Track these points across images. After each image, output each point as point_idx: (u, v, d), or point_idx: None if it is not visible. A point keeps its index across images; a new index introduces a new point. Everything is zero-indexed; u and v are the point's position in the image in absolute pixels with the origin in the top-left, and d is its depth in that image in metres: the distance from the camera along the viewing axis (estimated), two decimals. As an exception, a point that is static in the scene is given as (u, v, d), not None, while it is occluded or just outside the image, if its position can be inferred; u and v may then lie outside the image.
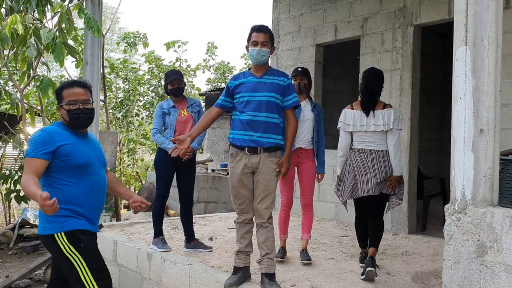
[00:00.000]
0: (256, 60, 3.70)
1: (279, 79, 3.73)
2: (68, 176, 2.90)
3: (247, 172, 3.68)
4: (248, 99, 3.66)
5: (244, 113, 3.66)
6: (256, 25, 3.77)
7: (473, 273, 2.46)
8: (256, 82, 3.70)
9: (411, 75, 6.03)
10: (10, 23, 4.64)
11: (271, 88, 3.67)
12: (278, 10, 8.00)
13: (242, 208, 3.75)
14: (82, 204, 2.93)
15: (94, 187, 3.00)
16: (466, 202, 2.51)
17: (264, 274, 3.66)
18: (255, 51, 3.67)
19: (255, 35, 3.69)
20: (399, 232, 6.04)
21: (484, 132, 2.47)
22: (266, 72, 3.74)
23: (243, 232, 3.78)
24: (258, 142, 3.63)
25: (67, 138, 2.95)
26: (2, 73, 8.04)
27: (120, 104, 13.59)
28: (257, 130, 3.63)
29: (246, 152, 3.66)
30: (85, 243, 2.91)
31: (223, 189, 10.29)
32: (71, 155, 2.89)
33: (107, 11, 22.50)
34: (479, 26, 2.50)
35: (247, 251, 3.79)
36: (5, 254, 6.91)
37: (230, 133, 3.78)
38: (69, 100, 2.99)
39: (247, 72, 3.82)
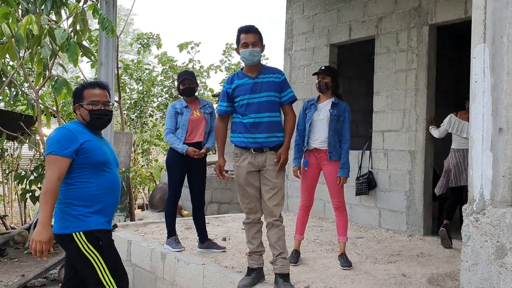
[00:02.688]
0: (249, 61, 3.67)
1: (273, 76, 3.70)
2: (87, 173, 2.90)
3: (253, 170, 3.68)
4: (248, 102, 3.65)
5: (246, 116, 3.65)
6: (243, 26, 3.73)
7: (492, 275, 2.40)
8: (253, 83, 3.67)
9: (427, 75, 5.96)
10: (25, 23, 4.68)
11: (268, 87, 3.66)
12: (291, 10, 7.97)
13: (250, 207, 3.73)
14: (100, 202, 2.94)
15: (112, 185, 3.01)
16: (485, 202, 2.46)
17: (278, 274, 3.63)
18: (247, 52, 3.63)
19: (244, 37, 3.65)
20: (415, 233, 5.97)
21: (503, 131, 2.42)
22: (260, 72, 3.71)
23: (254, 232, 3.76)
24: (263, 143, 3.64)
25: (88, 136, 2.97)
26: (19, 74, 8.13)
27: (134, 105, 13.67)
28: (261, 132, 3.62)
29: (252, 151, 3.66)
30: (103, 242, 2.92)
31: (236, 189, 10.27)
32: (92, 152, 2.90)
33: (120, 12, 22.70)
34: (498, 23, 2.45)
35: (260, 251, 3.77)
36: (21, 254, 6.98)
37: (233, 136, 3.76)
38: (91, 100, 3.01)
39: (241, 73, 3.78)
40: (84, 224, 2.87)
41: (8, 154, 10.55)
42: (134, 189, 12.09)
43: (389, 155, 6.37)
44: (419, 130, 6.01)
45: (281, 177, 3.67)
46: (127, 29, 23.87)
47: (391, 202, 6.27)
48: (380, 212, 6.40)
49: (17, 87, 7.03)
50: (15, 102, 8.01)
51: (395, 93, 6.29)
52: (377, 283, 3.95)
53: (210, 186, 9.83)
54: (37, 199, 7.03)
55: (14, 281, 5.55)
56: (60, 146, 2.81)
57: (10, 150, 10.62)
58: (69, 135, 2.87)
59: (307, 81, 7.57)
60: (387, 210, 6.33)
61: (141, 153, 13.82)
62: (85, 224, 2.87)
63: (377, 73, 6.57)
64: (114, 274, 2.90)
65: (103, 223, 2.95)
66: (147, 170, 13.47)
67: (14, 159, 10.43)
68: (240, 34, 3.69)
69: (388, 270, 4.37)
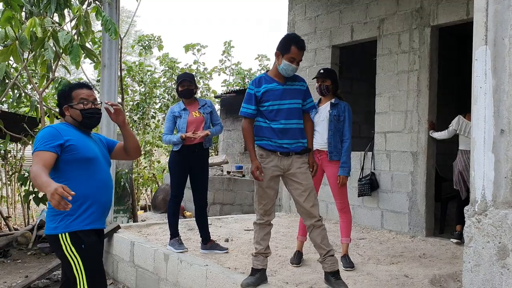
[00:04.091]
0: (286, 74, 3.67)
1: (299, 84, 3.76)
2: (76, 170, 2.86)
3: (277, 174, 3.70)
4: (278, 108, 3.64)
5: (276, 121, 3.63)
6: (298, 40, 3.64)
7: (494, 276, 2.41)
8: (283, 90, 3.67)
9: (429, 76, 5.98)
10: (29, 26, 4.70)
11: (297, 94, 3.71)
12: (293, 11, 7.99)
13: (266, 209, 3.74)
14: (91, 199, 2.90)
15: (102, 183, 2.98)
16: (487, 203, 2.47)
17: (329, 272, 3.66)
18: (290, 67, 3.60)
19: (296, 52, 3.57)
20: (417, 234, 5.98)
21: (505, 133, 2.43)
22: (287, 78, 3.72)
23: (264, 234, 3.77)
24: (289, 148, 3.66)
25: (74, 134, 2.94)
26: (22, 76, 8.16)
27: (136, 107, 13.70)
28: (289, 137, 3.65)
29: (279, 154, 3.67)
30: (86, 244, 2.86)
31: (238, 191, 10.31)
32: (79, 149, 2.88)
33: (123, 14, 22.72)
34: (500, 25, 2.46)
35: (266, 252, 3.79)
36: (24, 255, 7.00)
37: (259, 140, 3.70)
38: (81, 99, 2.99)
39: (268, 77, 3.73)
40: (70, 225, 2.83)
41: (12, 156, 10.58)
42: (136, 190, 12.11)
43: (391, 156, 6.38)
44: (421, 131, 6.02)
45: (309, 178, 3.70)
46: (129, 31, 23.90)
47: (394, 203, 6.28)
48: (383, 213, 6.41)
49: (20, 89, 7.05)
50: (19, 104, 8.04)
51: (397, 94, 6.31)
52: (380, 284, 3.96)
53: (213, 187, 9.85)
54: (40, 201, 7.05)
55: (18, 282, 5.57)
56: (43, 143, 2.79)
57: (13, 151, 10.65)
58: (53, 132, 2.86)
59: (309, 82, 7.54)
60: (389, 211, 6.33)
61: (144, 154, 13.84)
62: (70, 225, 2.83)
63: (379, 74, 6.58)
64: (90, 281, 2.83)
65: (90, 223, 2.89)
66: (149, 172, 13.50)
67: (17, 161, 10.46)
68: (292, 45, 3.58)
69: (390, 271, 4.38)
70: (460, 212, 5.64)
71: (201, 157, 4.94)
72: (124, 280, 5.49)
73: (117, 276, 5.62)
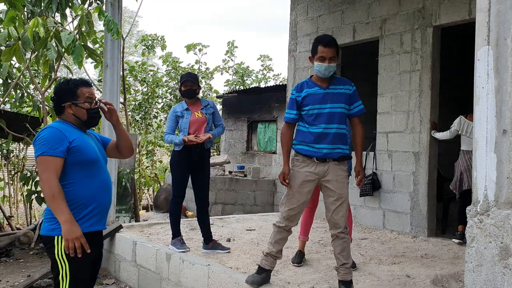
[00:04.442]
0: (323, 75, 3.59)
1: (344, 88, 3.64)
2: (80, 173, 2.80)
3: (311, 179, 3.60)
4: (318, 112, 3.57)
5: (315, 126, 3.57)
6: (323, 38, 3.62)
7: (496, 276, 2.41)
8: (324, 94, 3.59)
9: (431, 77, 5.98)
10: (32, 26, 4.71)
11: (340, 98, 3.59)
12: (296, 12, 7.99)
13: (292, 214, 3.64)
14: (94, 201, 2.83)
15: (103, 184, 2.91)
16: (489, 204, 2.47)
17: (341, 281, 3.63)
18: (323, 67, 3.54)
19: (323, 50, 3.53)
20: (419, 234, 5.98)
21: (507, 133, 2.42)
22: (331, 82, 3.63)
23: (279, 238, 3.72)
24: (328, 154, 3.56)
25: (76, 134, 2.85)
26: (24, 76, 8.18)
27: (139, 107, 13.71)
28: (328, 142, 3.54)
29: (315, 160, 3.59)
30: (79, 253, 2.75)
31: (240, 190, 10.31)
32: (83, 150, 2.80)
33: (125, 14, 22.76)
34: (502, 25, 2.46)
35: (277, 256, 3.75)
36: (26, 254, 7.01)
37: (297, 144, 3.66)
38: (87, 98, 2.91)
39: (310, 82, 3.68)
40: None
41: (14, 155, 10.60)
42: (138, 190, 12.12)
43: (393, 157, 6.38)
44: (423, 131, 6.02)
45: (345, 188, 3.60)
46: (132, 30, 23.92)
47: (395, 203, 6.28)
48: (384, 213, 6.41)
49: (22, 89, 7.07)
50: (21, 104, 8.06)
51: (399, 94, 6.30)
52: (381, 284, 3.96)
53: (214, 187, 9.86)
54: (42, 200, 7.07)
55: (20, 281, 5.58)
56: (51, 146, 2.69)
57: (16, 151, 10.67)
58: (58, 134, 2.76)
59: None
60: (391, 211, 6.33)
61: (146, 154, 13.86)
62: None
63: (381, 75, 6.58)
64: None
65: (89, 226, 2.81)
66: (151, 171, 13.51)
67: (19, 160, 10.48)
68: (318, 45, 3.56)
69: (392, 271, 4.38)
70: (462, 212, 5.64)
71: (202, 157, 4.95)
72: (126, 279, 5.49)
73: (119, 276, 5.63)
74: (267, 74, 17.00)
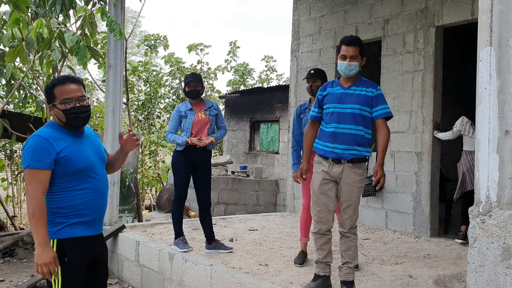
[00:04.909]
0: (345, 74, 3.65)
1: (367, 90, 3.65)
2: (71, 182, 2.68)
3: (329, 180, 3.64)
4: (333, 111, 3.63)
5: (329, 124, 3.64)
6: (346, 37, 3.71)
7: (498, 277, 2.42)
8: (343, 93, 3.65)
9: (433, 77, 5.97)
10: (36, 27, 4.73)
11: (358, 100, 3.61)
12: (298, 12, 8.00)
13: (320, 216, 3.68)
14: (85, 210, 2.73)
15: (96, 190, 2.78)
16: (491, 204, 2.47)
17: (342, 281, 3.66)
18: (343, 65, 3.61)
19: (344, 49, 3.61)
20: (421, 235, 5.98)
21: (510, 134, 2.43)
22: (354, 83, 3.67)
23: (320, 243, 3.73)
24: (340, 154, 3.58)
25: (65, 141, 2.68)
26: (28, 76, 8.21)
27: (142, 107, 13.73)
28: (341, 143, 3.58)
29: (330, 161, 3.63)
30: (69, 259, 2.68)
31: (243, 191, 10.32)
32: (71, 160, 2.65)
33: (128, 14, 22.80)
34: (505, 26, 2.46)
35: (326, 261, 3.74)
36: (30, 254, 7.03)
37: (316, 143, 3.75)
38: (63, 99, 2.67)
39: (336, 81, 3.76)
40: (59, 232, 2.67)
41: (18, 156, 10.63)
42: (141, 190, 12.14)
43: (396, 157, 6.38)
44: (426, 131, 6.02)
45: (356, 192, 3.61)
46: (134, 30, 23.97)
47: (398, 204, 6.28)
48: (387, 214, 6.41)
49: (26, 90, 7.09)
50: (24, 104, 8.09)
51: (402, 94, 6.30)
52: (384, 284, 3.96)
53: (217, 187, 9.87)
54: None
55: (24, 281, 5.61)
56: (36, 158, 2.56)
57: (19, 151, 10.70)
58: (44, 144, 2.60)
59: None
60: (393, 212, 6.34)
61: (149, 154, 13.87)
62: (60, 232, 2.67)
63: (383, 75, 6.58)
64: None
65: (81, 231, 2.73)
66: (154, 172, 13.53)
67: (23, 160, 10.51)
68: (341, 45, 3.66)
69: (394, 271, 4.38)
70: (464, 213, 5.64)
71: (204, 157, 4.96)
72: (129, 279, 5.51)
73: (122, 276, 5.65)
74: (270, 74, 17.01)
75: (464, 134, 5.82)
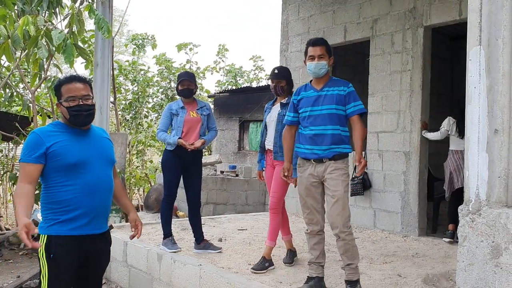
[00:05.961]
0: (315, 74, 3.69)
1: (339, 89, 3.67)
2: (62, 177, 2.73)
3: (314, 181, 3.67)
4: (310, 114, 3.67)
5: (307, 128, 3.68)
6: (311, 39, 3.79)
7: (487, 275, 2.43)
8: (316, 96, 3.69)
9: (421, 77, 6.01)
10: (22, 24, 4.66)
11: (331, 100, 3.64)
12: (287, 12, 8.00)
13: (310, 218, 3.72)
14: (78, 206, 2.74)
15: (91, 187, 2.78)
16: (481, 203, 2.49)
17: (346, 281, 3.64)
18: (312, 65, 3.66)
19: (311, 49, 3.68)
20: (410, 234, 6.01)
21: (499, 133, 2.45)
22: (326, 84, 3.71)
23: (313, 243, 3.75)
24: (321, 155, 3.62)
25: (59, 137, 2.76)
26: (14, 75, 8.11)
27: (129, 106, 13.64)
28: (320, 144, 3.61)
29: (312, 162, 3.65)
30: (56, 255, 2.70)
31: (232, 190, 10.30)
32: (61, 155, 2.71)
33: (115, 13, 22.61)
34: (494, 25, 2.48)
35: (318, 262, 3.73)
36: (16, 255, 6.95)
37: (297, 147, 3.79)
38: (68, 96, 2.79)
39: (308, 85, 3.80)
40: (50, 228, 2.72)
41: (3, 155, 10.51)
42: (129, 190, 12.06)
43: (384, 156, 6.40)
44: (414, 131, 6.05)
45: (341, 186, 3.57)
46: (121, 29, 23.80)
47: (386, 203, 6.31)
48: (375, 213, 6.43)
49: (12, 88, 7.00)
50: (10, 103, 7.99)
51: (390, 94, 6.33)
52: (373, 283, 3.97)
53: (206, 187, 9.84)
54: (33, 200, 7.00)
55: (9, 282, 5.53)
56: (27, 153, 2.70)
57: (5, 150, 10.58)
58: (36, 139, 2.72)
59: (303, 82, 7.56)
60: (382, 211, 6.36)
61: (136, 154, 13.79)
62: (51, 229, 2.72)
63: (372, 75, 6.60)
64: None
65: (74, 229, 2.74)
66: (142, 171, 13.45)
67: (9, 160, 10.39)
68: (308, 46, 3.73)
69: (383, 270, 4.39)
70: (452, 212, 5.69)
71: (194, 157, 4.93)
72: (117, 280, 5.46)
73: (110, 276, 5.60)
74: (259, 74, 17.02)
75: (451, 134, 5.87)
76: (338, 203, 3.55)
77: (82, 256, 2.80)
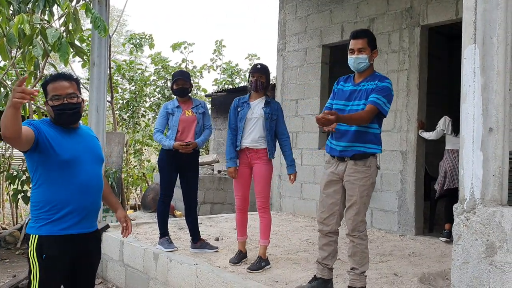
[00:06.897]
0: (354, 69, 3.54)
1: (372, 83, 3.46)
2: (52, 173, 2.68)
3: (334, 180, 3.55)
4: (341, 108, 3.52)
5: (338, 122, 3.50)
6: (353, 31, 3.61)
7: (482, 273, 2.43)
8: (352, 90, 3.54)
9: (418, 76, 6.01)
10: (17, 23, 4.65)
11: (362, 96, 3.48)
12: (284, 11, 7.99)
13: (322, 216, 3.60)
14: (69, 204, 2.71)
15: (83, 186, 2.75)
16: (475, 201, 2.49)
17: (349, 287, 3.55)
18: (352, 59, 3.50)
19: (352, 42, 3.51)
20: (406, 233, 6.01)
21: (493, 131, 2.44)
22: (365, 79, 3.52)
23: (322, 244, 3.64)
24: (343, 152, 3.49)
25: (50, 131, 2.72)
26: (10, 74, 8.08)
27: (126, 105, 13.61)
28: (346, 140, 3.46)
29: (336, 159, 3.55)
30: (47, 255, 2.67)
31: (229, 190, 10.28)
32: (53, 148, 2.67)
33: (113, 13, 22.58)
34: (488, 24, 2.48)
35: (325, 263, 3.62)
36: (12, 254, 6.94)
37: (328, 141, 3.67)
38: (52, 95, 2.73)
39: (351, 77, 3.64)
40: (41, 228, 2.68)
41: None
42: (126, 190, 12.04)
43: (380, 155, 6.39)
44: (411, 130, 6.05)
45: (357, 191, 3.43)
46: (120, 29, 23.77)
47: (383, 202, 6.31)
48: (372, 212, 6.43)
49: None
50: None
51: (387, 93, 6.32)
52: (369, 282, 3.96)
53: (203, 187, 9.82)
54: (29, 200, 6.99)
55: (5, 281, 5.52)
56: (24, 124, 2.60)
57: (2, 150, 10.54)
58: (33, 122, 2.70)
59: (300, 81, 7.59)
60: (378, 210, 6.36)
61: (133, 153, 13.76)
62: (42, 229, 2.68)
63: (369, 74, 6.59)
64: None
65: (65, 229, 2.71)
66: (139, 171, 13.42)
67: (5, 159, 10.36)
68: (350, 39, 3.55)
69: (380, 269, 4.39)
70: (448, 211, 5.69)
71: (191, 156, 4.93)
72: (113, 279, 5.45)
73: (106, 276, 5.59)
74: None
75: (447, 134, 5.89)
76: (352, 208, 3.46)
77: (74, 255, 2.77)
